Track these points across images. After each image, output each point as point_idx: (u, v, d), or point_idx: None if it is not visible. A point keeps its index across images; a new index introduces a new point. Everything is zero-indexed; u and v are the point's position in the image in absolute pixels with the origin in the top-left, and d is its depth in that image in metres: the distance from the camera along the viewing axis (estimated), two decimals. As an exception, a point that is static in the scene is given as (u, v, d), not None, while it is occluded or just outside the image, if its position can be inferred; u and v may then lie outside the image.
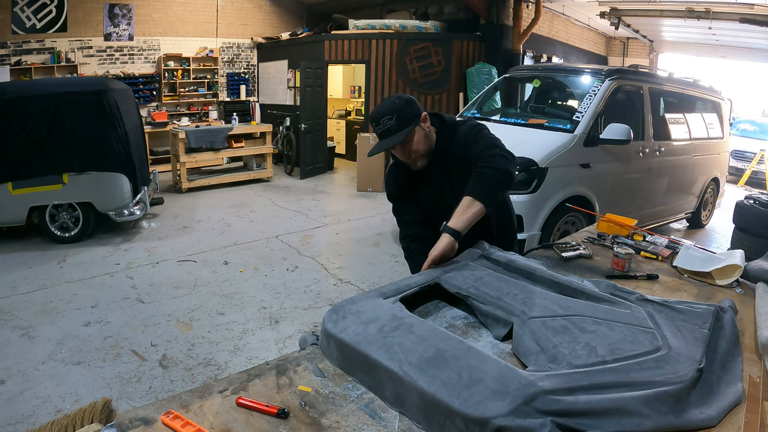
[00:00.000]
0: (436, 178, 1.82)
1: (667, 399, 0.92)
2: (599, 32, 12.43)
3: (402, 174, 1.88)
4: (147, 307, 3.56)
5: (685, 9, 7.60)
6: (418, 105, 1.75)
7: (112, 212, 4.92)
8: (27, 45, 7.81)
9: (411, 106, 1.71)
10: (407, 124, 1.68)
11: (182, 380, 2.71)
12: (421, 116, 1.73)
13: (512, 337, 1.19)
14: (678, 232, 6.02)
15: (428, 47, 7.95)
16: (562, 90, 5.03)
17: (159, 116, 8.80)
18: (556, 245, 1.96)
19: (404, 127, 1.68)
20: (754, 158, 9.42)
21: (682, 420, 0.91)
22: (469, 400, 0.88)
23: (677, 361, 1.04)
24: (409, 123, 1.69)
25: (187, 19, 9.29)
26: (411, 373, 0.97)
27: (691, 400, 0.95)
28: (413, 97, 1.80)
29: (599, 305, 1.30)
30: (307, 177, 8.39)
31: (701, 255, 1.83)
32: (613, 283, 1.49)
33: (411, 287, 1.39)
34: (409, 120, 1.69)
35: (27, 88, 4.79)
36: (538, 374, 0.96)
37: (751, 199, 4.44)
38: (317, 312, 3.56)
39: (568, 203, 3.86)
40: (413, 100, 1.75)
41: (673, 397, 0.93)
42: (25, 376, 2.68)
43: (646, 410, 0.89)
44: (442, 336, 1.10)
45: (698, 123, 5.47)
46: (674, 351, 1.07)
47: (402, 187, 1.90)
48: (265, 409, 0.93)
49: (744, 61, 12.05)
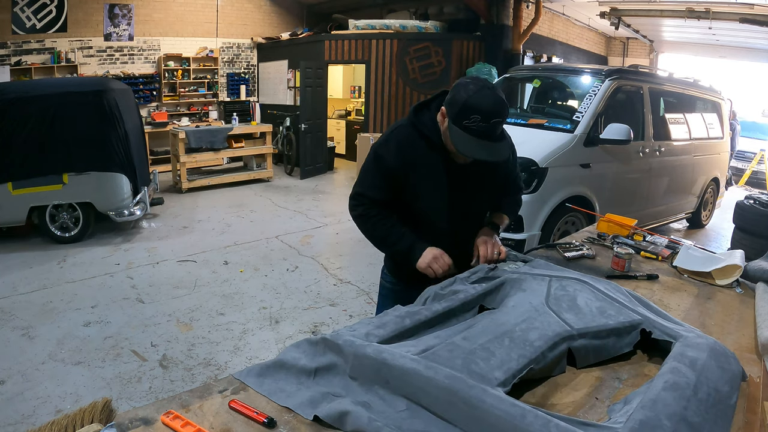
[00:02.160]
0: (455, 173, 1.56)
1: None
2: (599, 32, 12.43)
3: (418, 147, 1.54)
4: (147, 307, 3.56)
5: (685, 9, 7.59)
6: None
7: (112, 212, 4.92)
8: (27, 45, 7.81)
9: None
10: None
11: (182, 380, 2.71)
12: None
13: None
14: (678, 232, 6.01)
15: (428, 47, 7.95)
16: (562, 90, 5.03)
17: (159, 116, 8.80)
18: (559, 245, 1.96)
19: (505, 133, 1.48)
20: (754, 158, 9.42)
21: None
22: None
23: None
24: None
25: (187, 19, 9.29)
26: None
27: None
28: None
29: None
30: (307, 177, 8.38)
31: (701, 255, 1.83)
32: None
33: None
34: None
35: (27, 89, 4.80)
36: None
37: (751, 199, 4.44)
38: (317, 312, 3.56)
39: (568, 203, 3.86)
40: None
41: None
42: (25, 376, 2.68)
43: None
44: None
45: (698, 123, 5.47)
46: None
47: (406, 163, 1.53)
48: (253, 416, 0.93)
49: (744, 61, 12.04)
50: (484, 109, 1.35)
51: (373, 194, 1.58)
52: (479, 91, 1.37)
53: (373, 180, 1.58)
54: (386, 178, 1.55)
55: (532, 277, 1.44)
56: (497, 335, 1.16)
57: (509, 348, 1.11)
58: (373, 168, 1.57)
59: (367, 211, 1.60)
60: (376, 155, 1.56)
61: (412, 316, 1.24)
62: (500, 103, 1.38)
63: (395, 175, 1.54)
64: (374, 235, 1.63)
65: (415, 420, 0.92)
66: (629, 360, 1.22)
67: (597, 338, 1.19)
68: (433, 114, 1.54)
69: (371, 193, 1.59)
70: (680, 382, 0.98)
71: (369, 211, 1.59)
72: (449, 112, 1.42)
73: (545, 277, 1.45)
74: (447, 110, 1.44)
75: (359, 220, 1.62)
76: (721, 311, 1.50)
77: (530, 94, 5.42)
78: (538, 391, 1.09)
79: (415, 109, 1.59)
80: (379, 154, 1.55)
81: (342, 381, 1.03)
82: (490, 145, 1.39)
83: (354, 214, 1.64)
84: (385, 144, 1.57)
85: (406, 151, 1.53)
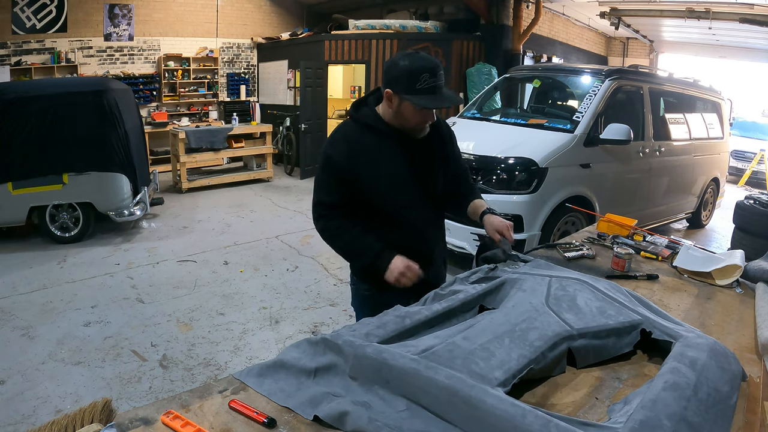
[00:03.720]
0: (410, 154, 1.59)
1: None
2: (599, 32, 12.43)
3: (365, 140, 1.56)
4: (147, 307, 3.56)
5: (685, 9, 7.59)
6: None
7: (112, 212, 4.91)
8: (27, 45, 7.81)
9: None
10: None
11: (182, 380, 2.71)
12: None
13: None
14: (678, 232, 6.01)
15: (428, 47, 7.93)
16: (562, 90, 5.03)
17: (159, 116, 8.80)
18: (559, 245, 1.96)
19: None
20: (754, 158, 9.42)
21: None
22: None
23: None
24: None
25: (187, 19, 9.29)
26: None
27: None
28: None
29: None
30: (307, 177, 8.38)
31: (701, 255, 1.83)
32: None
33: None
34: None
35: (27, 89, 4.79)
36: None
37: (751, 199, 4.44)
38: (317, 312, 3.56)
39: (568, 203, 3.86)
40: None
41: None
42: (25, 376, 2.68)
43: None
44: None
45: (698, 123, 5.47)
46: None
47: (353, 158, 1.53)
48: (254, 416, 0.93)
49: (744, 61, 12.04)
50: (428, 66, 1.45)
51: (328, 199, 1.57)
52: (411, 56, 1.48)
53: (327, 185, 1.58)
54: (339, 179, 1.55)
55: (532, 277, 1.44)
56: (497, 335, 1.16)
57: (509, 348, 1.11)
58: (326, 172, 1.57)
59: (327, 224, 1.59)
60: (326, 157, 1.56)
61: (412, 316, 1.24)
62: (432, 58, 1.49)
63: (347, 173, 1.53)
64: (339, 248, 1.63)
65: (415, 420, 0.93)
66: (629, 360, 1.22)
67: (597, 338, 1.19)
68: (372, 107, 1.59)
69: (327, 198, 1.58)
70: (680, 382, 0.98)
71: (329, 223, 1.59)
72: (398, 87, 1.48)
73: (545, 277, 1.45)
74: (394, 88, 1.49)
75: (323, 235, 1.61)
76: (721, 311, 1.50)
77: (530, 94, 5.42)
78: (538, 391, 1.09)
79: (354, 107, 1.64)
80: (328, 155, 1.55)
81: (342, 381, 1.03)
82: (445, 94, 1.50)
83: (317, 228, 1.62)
84: (332, 144, 1.58)
85: (354, 146, 1.55)
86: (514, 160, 3.79)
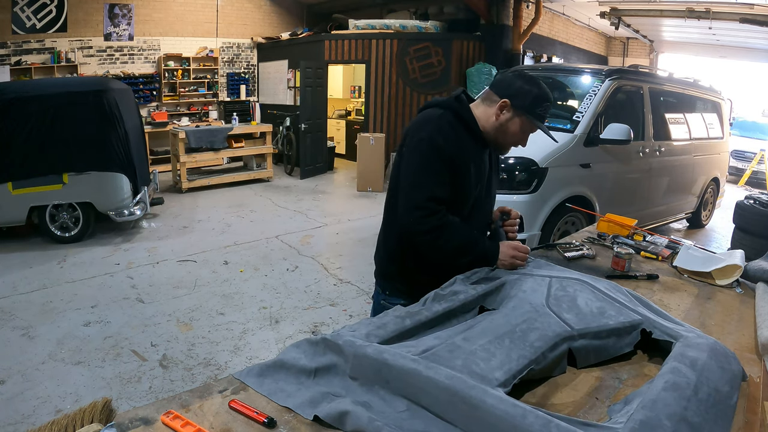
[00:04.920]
0: (489, 166, 1.58)
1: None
2: (599, 32, 12.43)
3: (465, 138, 1.47)
4: (147, 307, 3.56)
5: (685, 9, 7.60)
6: None
7: (112, 212, 4.92)
8: (27, 45, 7.81)
9: None
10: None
11: (182, 380, 2.71)
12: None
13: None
14: (678, 232, 6.01)
15: (428, 47, 7.95)
16: (562, 90, 5.02)
17: (159, 116, 8.80)
18: (559, 245, 1.96)
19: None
20: (754, 158, 9.42)
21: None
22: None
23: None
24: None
25: (187, 19, 9.29)
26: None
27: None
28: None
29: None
30: (307, 177, 8.38)
31: (701, 255, 1.83)
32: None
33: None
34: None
35: (27, 88, 4.79)
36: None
37: (751, 199, 4.44)
38: (317, 312, 3.56)
39: (568, 203, 3.86)
40: None
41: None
42: (25, 376, 2.68)
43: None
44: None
45: (698, 123, 5.47)
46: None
47: (459, 151, 1.43)
48: (254, 416, 0.93)
49: (744, 61, 12.05)
50: (550, 98, 1.50)
51: (441, 192, 1.40)
52: (539, 83, 1.49)
53: (437, 177, 1.39)
54: (449, 170, 1.40)
55: (532, 278, 1.44)
56: (497, 336, 1.16)
57: (509, 348, 1.11)
58: (436, 162, 1.39)
59: (442, 220, 1.40)
60: (435, 146, 1.39)
61: (412, 317, 1.24)
62: (547, 90, 1.51)
63: (454, 166, 1.41)
64: (452, 246, 1.43)
65: (415, 420, 0.92)
66: (629, 360, 1.22)
67: (597, 338, 1.19)
68: (467, 107, 1.53)
69: (440, 191, 1.40)
70: (680, 382, 0.98)
71: (447, 219, 1.41)
72: (519, 103, 1.44)
73: (545, 277, 1.45)
74: (514, 101, 1.45)
75: (435, 233, 1.40)
76: (721, 311, 1.50)
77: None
78: (539, 392, 1.09)
79: (457, 99, 1.53)
80: (439, 144, 1.39)
81: (342, 381, 1.03)
82: (547, 126, 1.58)
83: (425, 228, 1.40)
84: (439, 131, 1.41)
85: (460, 138, 1.44)
86: (514, 159, 3.79)
